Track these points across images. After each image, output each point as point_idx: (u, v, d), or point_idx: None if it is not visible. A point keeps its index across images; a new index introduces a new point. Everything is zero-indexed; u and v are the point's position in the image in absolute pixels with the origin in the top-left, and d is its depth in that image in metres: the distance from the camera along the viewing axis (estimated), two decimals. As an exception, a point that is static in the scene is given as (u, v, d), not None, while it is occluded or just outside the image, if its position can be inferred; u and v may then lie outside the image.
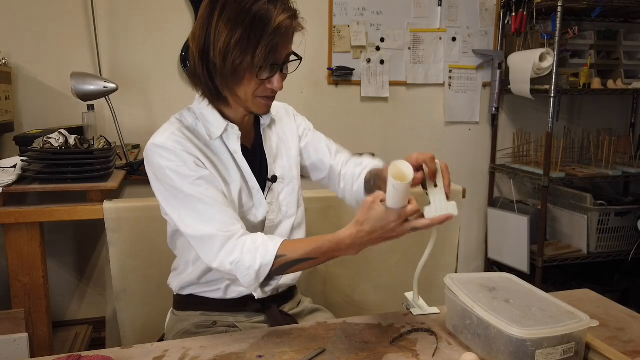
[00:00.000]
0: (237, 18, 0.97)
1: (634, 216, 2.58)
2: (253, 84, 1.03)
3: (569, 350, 0.88)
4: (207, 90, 1.07)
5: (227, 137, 1.11)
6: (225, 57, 0.99)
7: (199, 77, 1.06)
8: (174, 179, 1.03)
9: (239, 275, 1.00)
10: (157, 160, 1.04)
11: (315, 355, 0.94)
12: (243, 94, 1.05)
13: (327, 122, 2.51)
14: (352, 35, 2.48)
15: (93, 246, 2.32)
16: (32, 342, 1.55)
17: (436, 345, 0.98)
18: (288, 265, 1.00)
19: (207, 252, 1.02)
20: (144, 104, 2.29)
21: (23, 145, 1.72)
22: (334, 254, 0.99)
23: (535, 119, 2.78)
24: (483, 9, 2.64)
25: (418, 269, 1.12)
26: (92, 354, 0.92)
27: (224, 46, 0.98)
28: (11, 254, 1.57)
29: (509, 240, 2.63)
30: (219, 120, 1.10)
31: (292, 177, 1.22)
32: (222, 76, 1.02)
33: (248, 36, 0.97)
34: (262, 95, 1.06)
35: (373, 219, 0.92)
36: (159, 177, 1.05)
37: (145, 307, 1.60)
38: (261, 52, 0.97)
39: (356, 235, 0.94)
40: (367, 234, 0.93)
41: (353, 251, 0.97)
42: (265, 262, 0.98)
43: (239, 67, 0.99)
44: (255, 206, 1.15)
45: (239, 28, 0.97)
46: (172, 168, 1.03)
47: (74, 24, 2.17)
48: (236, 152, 1.12)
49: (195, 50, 1.03)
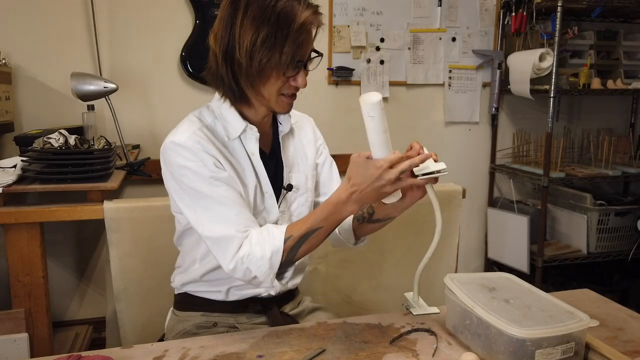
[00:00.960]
0: (262, 16, 0.96)
1: (634, 216, 2.58)
2: (279, 82, 1.02)
3: (569, 350, 0.88)
4: (230, 90, 1.06)
5: (245, 138, 1.10)
6: (252, 57, 0.98)
7: (221, 78, 1.04)
8: (192, 179, 1.02)
9: (252, 268, 1.00)
10: (175, 158, 1.03)
11: (315, 355, 0.94)
12: (267, 93, 1.04)
13: (327, 122, 2.51)
14: (352, 36, 2.48)
15: (93, 246, 2.32)
16: (32, 342, 1.55)
17: (436, 345, 0.98)
18: (298, 245, 1.00)
19: (224, 252, 1.01)
20: (144, 104, 2.29)
21: (23, 145, 1.72)
22: (336, 216, 0.99)
23: (535, 119, 2.78)
24: (483, 9, 2.64)
25: (419, 269, 1.12)
26: (92, 354, 0.92)
27: (250, 45, 0.97)
28: (11, 254, 1.57)
29: (508, 240, 2.63)
30: (238, 120, 1.09)
31: (307, 188, 1.21)
32: (247, 76, 1.01)
33: (275, 34, 0.96)
34: (285, 94, 1.05)
35: (361, 171, 0.95)
36: (175, 176, 1.04)
37: (145, 307, 1.60)
38: (288, 49, 0.98)
39: (349, 189, 0.96)
40: (358, 187, 0.95)
41: (352, 207, 0.98)
42: (275, 249, 0.99)
43: (266, 65, 0.99)
44: (267, 210, 1.14)
45: (264, 26, 0.96)
46: (191, 168, 1.02)
47: (74, 24, 2.17)
48: (253, 154, 1.11)
49: (219, 50, 1.02)
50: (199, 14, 2.24)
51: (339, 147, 1.41)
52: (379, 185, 0.94)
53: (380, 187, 0.94)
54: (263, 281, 1.02)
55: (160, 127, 2.30)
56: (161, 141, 1.08)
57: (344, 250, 1.77)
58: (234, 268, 1.01)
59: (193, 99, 2.31)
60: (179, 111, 1.16)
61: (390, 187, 0.94)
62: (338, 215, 0.99)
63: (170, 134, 1.06)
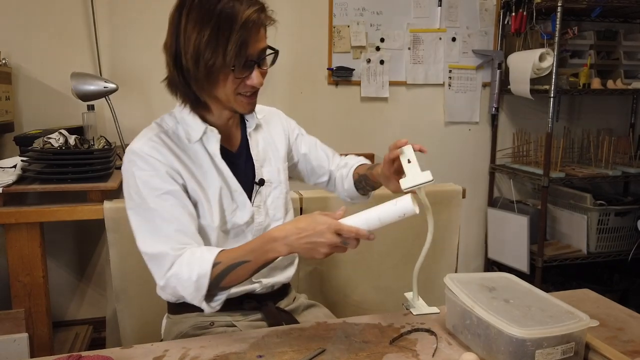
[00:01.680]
0: (204, 19, 0.96)
1: (634, 216, 2.58)
2: (230, 83, 1.01)
3: (569, 350, 0.88)
4: (186, 97, 1.06)
5: (207, 140, 1.11)
6: (197, 61, 0.97)
7: (175, 85, 1.05)
8: (142, 189, 1.03)
9: (179, 288, 1.00)
10: (130, 167, 1.04)
11: (315, 355, 0.94)
12: (223, 95, 1.04)
13: (327, 122, 2.51)
14: (352, 36, 2.48)
15: (93, 246, 2.32)
16: (32, 342, 1.55)
17: (436, 345, 0.98)
18: (224, 274, 0.98)
19: (157, 269, 1.02)
20: (144, 104, 2.29)
21: (23, 145, 1.72)
22: (264, 255, 0.97)
23: (535, 119, 2.78)
24: (483, 9, 2.64)
25: (415, 269, 1.12)
26: (92, 354, 0.92)
27: (194, 50, 0.97)
28: (11, 254, 1.57)
29: (508, 240, 2.63)
30: (197, 123, 1.10)
31: (280, 181, 1.22)
32: (197, 80, 1.01)
33: (217, 35, 0.95)
34: (243, 93, 1.05)
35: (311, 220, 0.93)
36: (129, 183, 1.05)
37: (145, 307, 1.60)
38: (232, 49, 0.96)
39: (287, 229, 0.94)
40: (297, 233, 0.92)
41: (282, 248, 0.94)
42: (202, 272, 0.97)
43: (212, 68, 0.98)
44: (239, 208, 1.14)
45: (206, 29, 0.95)
46: (142, 178, 1.03)
47: (74, 24, 2.17)
48: (215, 155, 1.11)
49: (169, 58, 1.02)
50: (199, 14, 2.23)
51: (338, 147, 1.41)
52: (316, 242, 0.92)
53: (317, 244, 0.92)
54: (191, 301, 1.01)
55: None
56: (161, 141, 1.08)
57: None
58: (164, 286, 1.01)
59: (193, 99, 2.31)
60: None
61: (325, 248, 0.92)
62: (265, 254, 0.96)
63: (132, 141, 1.08)
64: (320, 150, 1.34)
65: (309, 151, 1.32)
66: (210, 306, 1.02)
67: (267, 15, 1.02)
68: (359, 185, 1.27)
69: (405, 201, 0.95)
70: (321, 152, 1.34)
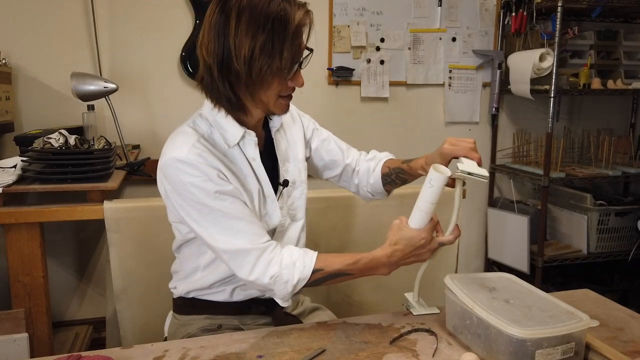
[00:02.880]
0: (257, 23, 0.94)
1: (634, 216, 2.58)
2: (277, 85, 1.02)
3: (569, 350, 0.88)
4: (227, 101, 1.04)
5: (244, 145, 1.09)
6: (251, 65, 0.96)
7: (217, 90, 1.02)
8: (198, 195, 1.01)
9: (276, 288, 1.02)
10: (178, 175, 1.01)
11: (315, 355, 0.94)
12: (266, 98, 1.03)
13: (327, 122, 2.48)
14: (352, 36, 2.48)
15: (93, 246, 2.32)
16: (32, 342, 1.55)
17: (436, 345, 0.98)
18: (324, 279, 1.04)
19: (241, 265, 1.02)
20: (144, 104, 2.29)
21: (23, 145, 1.72)
22: (369, 272, 1.06)
23: (535, 119, 2.78)
24: (483, 9, 2.64)
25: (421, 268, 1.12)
26: (92, 354, 0.92)
27: (249, 54, 0.95)
28: (11, 254, 1.57)
29: (509, 240, 2.63)
30: (235, 127, 1.07)
31: (302, 180, 1.22)
32: (247, 85, 1.00)
33: (272, 40, 0.95)
34: (284, 95, 1.05)
35: (405, 239, 1.03)
36: (181, 193, 1.02)
37: (145, 307, 1.60)
38: (288, 53, 0.97)
39: (392, 254, 1.04)
40: (401, 252, 1.03)
41: (386, 270, 1.06)
42: (302, 277, 1.02)
43: (267, 72, 0.98)
44: (269, 214, 1.13)
45: (261, 33, 0.94)
46: (195, 184, 1.00)
47: (74, 24, 2.17)
48: (254, 160, 1.10)
49: (213, 62, 0.99)
50: (199, 14, 2.24)
51: (339, 147, 1.42)
52: (420, 253, 1.04)
53: (421, 255, 1.05)
54: (281, 299, 1.05)
55: (160, 127, 2.30)
56: (162, 141, 1.08)
57: (344, 250, 1.76)
58: (254, 281, 1.02)
59: (193, 99, 2.30)
60: (179, 111, 1.16)
61: (429, 254, 1.05)
62: (371, 272, 1.06)
63: (168, 149, 1.04)
64: (333, 144, 1.32)
65: (322, 145, 1.30)
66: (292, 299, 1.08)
67: (311, 16, 1.02)
68: (386, 180, 1.26)
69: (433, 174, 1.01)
70: (334, 145, 1.31)
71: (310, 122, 1.31)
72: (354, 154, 1.33)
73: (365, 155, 1.34)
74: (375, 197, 1.32)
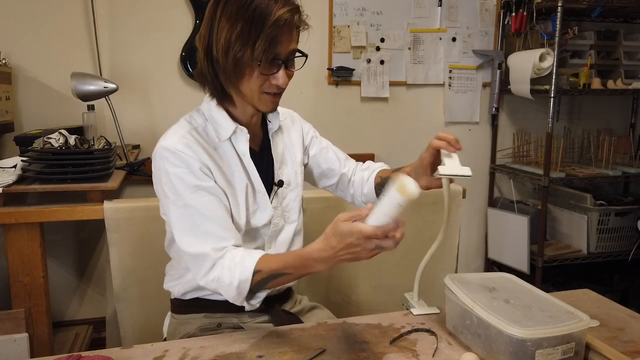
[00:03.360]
0: (238, 13, 0.98)
1: (634, 216, 2.58)
2: (255, 79, 1.03)
3: (569, 350, 0.88)
4: (214, 88, 1.08)
5: (236, 139, 1.12)
6: (227, 53, 1.00)
7: (205, 76, 1.07)
8: (177, 186, 1.04)
9: (222, 291, 1.02)
10: (162, 163, 1.05)
11: (315, 355, 0.94)
12: (248, 90, 1.05)
13: (327, 122, 2.51)
14: (352, 36, 2.48)
15: (93, 246, 2.32)
16: (32, 342, 1.55)
17: (436, 345, 0.98)
18: (264, 282, 1.01)
19: (198, 269, 1.04)
20: (144, 104, 2.29)
21: (23, 145, 1.72)
22: (305, 269, 0.98)
23: (535, 119, 2.78)
24: (483, 9, 2.64)
25: (420, 267, 1.12)
26: (92, 354, 0.92)
27: (226, 42, 0.99)
28: (11, 254, 1.57)
29: (509, 240, 2.63)
30: (227, 121, 1.10)
31: (297, 183, 1.23)
32: (224, 72, 1.03)
33: (248, 30, 0.98)
34: (267, 92, 1.06)
35: (340, 234, 0.89)
36: (163, 181, 1.05)
37: (145, 307, 1.60)
38: (260, 44, 0.98)
39: (323, 249, 0.92)
40: (332, 250, 0.90)
41: (322, 266, 0.95)
42: (243, 279, 1.00)
43: (240, 61, 1.00)
44: (260, 209, 1.15)
45: (239, 22, 0.98)
46: (177, 174, 1.03)
47: (74, 24, 2.17)
48: (244, 155, 1.12)
49: (201, 49, 1.05)
50: (199, 14, 2.24)
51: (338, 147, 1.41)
52: (355, 252, 0.90)
53: (357, 253, 0.90)
54: (233, 302, 1.03)
55: (161, 127, 2.29)
56: (161, 141, 1.08)
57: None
58: (204, 285, 1.04)
59: (193, 99, 2.29)
60: (179, 111, 1.16)
61: (365, 254, 0.90)
62: (306, 269, 0.98)
63: (161, 138, 1.08)
64: (332, 152, 1.34)
65: (321, 153, 1.32)
66: (251, 304, 1.04)
67: (300, 18, 1.03)
68: (379, 189, 1.27)
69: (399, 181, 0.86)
70: (333, 154, 1.34)
71: (310, 130, 1.33)
72: (351, 164, 1.35)
73: (361, 166, 1.35)
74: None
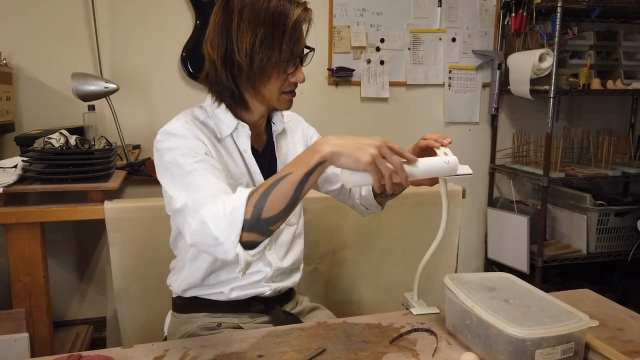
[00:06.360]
0: (257, 18, 1.00)
1: (634, 216, 2.58)
2: (279, 80, 1.05)
3: (569, 350, 0.88)
4: (230, 95, 1.08)
5: (237, 136, 1.12)
6: (252, 58, 1.01)
7: (221, 83, 1.06)
8: (177, 158, 1.00)
9: (212, 226, 0.89)
10: (165, 143, 1.03)
11: (315, 355, 0.95)
12: (268, 92, 1.06)
13: (327, 122, 2.51)
14: (352, 36, 2.48)
15: (93, 246, 2.33)
16: (33, 342, 1.56)
17: (436, 345, 0.99)
18: (264, 197, 0.89)
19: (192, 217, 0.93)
20: (144, 104, 2.29)
21: (24, 145, 1.72)
22: (307, 157, 0.91)
23: (535, 120, 2.78)
24: (483, 9, 2.64)
25: (420, 266, 1.12)
26: (93, 353, 0.92)
27: (250, 47, 1.00)
28: (12, 253, 1.57)
29: (508, 240, 2.63)
30: (230, 118, 1.11)
31: None
32: (248, 77, 1.04)
33: (272, 34, 1.00)
34: (287, 91, 1.08)
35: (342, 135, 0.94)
36: (164, 158, 1.02)
37: (146, 307, 1.60)
38: (286, 46, 1.01)
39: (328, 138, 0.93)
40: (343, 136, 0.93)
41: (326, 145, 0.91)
42: (236, 204, 0.89)
43: (267, 64, 1.02)
44: None
45: (261, 27, 1.00)
46: (180, 148, 1.01)
47: (75, 24, 2.18)
48: (245, 151, 1.13)
49: (217, 57, 1.04)
50: (199, 14, 2.24)
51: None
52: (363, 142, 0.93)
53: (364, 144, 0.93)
54: (224, 243, 0.88)
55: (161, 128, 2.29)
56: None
57: (344, 250, 1.77)
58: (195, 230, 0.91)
59: (193, 99, 2.31)
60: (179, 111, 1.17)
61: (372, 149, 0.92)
62: (308, 159, 0.90)
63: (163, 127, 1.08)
64: None
65: None
66: (248, 253, 0.90)
67: (310, 14, 1.06)
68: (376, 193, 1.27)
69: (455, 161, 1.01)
70: None
71: (315, 134, 1.33)
72: None
73: None
74: (370, 209, 1.31)
